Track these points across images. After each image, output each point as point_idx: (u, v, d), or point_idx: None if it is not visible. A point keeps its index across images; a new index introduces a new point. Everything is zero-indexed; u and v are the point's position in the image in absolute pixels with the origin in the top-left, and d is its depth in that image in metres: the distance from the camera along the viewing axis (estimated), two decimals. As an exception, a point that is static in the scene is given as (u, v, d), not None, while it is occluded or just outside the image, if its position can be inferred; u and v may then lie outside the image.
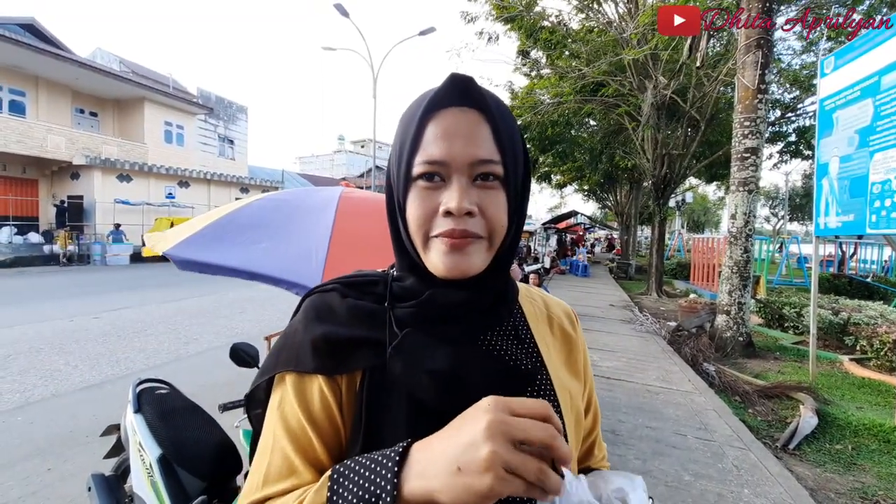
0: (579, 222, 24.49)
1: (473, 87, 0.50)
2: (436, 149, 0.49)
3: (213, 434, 1.71)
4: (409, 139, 0.50)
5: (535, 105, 10.92)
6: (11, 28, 15.62)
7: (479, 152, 0.49)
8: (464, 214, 0.48)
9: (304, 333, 0.54)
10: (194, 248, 1.78)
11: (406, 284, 0.56)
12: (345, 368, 0.52)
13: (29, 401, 3.67)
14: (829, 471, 2.95)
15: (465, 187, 0.49)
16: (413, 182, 0.50)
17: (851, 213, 4.00)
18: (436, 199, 0.49)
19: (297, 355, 0.53)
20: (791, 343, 6.09)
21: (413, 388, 0.50)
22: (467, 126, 0.49)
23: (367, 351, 0.52)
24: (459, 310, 0.54)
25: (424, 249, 0.52)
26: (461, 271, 0.50)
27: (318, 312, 0.56)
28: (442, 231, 0.49)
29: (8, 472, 2.66)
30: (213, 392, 3.83)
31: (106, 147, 17.84)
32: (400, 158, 0.52)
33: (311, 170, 46.72)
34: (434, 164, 0.49)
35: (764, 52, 5.32)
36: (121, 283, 11.00)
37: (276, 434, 0.50)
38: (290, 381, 0.52)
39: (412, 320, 0.53)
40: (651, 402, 3.96)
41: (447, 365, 0.50)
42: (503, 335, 0.58)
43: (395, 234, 0.57)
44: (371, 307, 0.56)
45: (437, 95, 0.50)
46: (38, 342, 5.27)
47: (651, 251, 12.14)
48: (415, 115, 0.51)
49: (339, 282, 0.60)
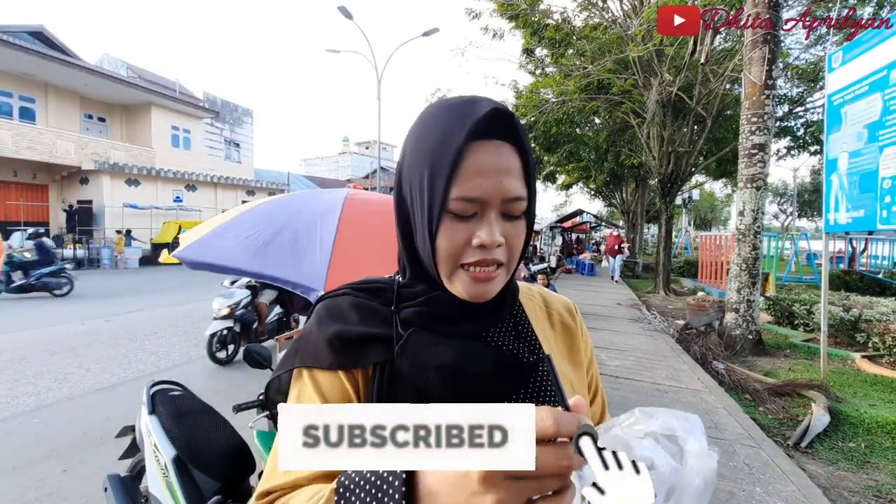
0: (585, 221, 24.40)
1: (515, 122, 0.52)
2: (474, 185, 0.50)
3: (226, 435, 1.74)
4: (445, 168, 0.50)
5: (540, 104, 10.90)
6: (21, 36, 15.83)
7: (512, 189, 0.51)
8: (495, 247, 0.51)
9: (319, 333, 0.57)
10: (203, 251, 1.83)
11: (414, 290, 0.59)
12: (359, 363, 0.55)
13: (43, 403, 3.73)
14: (843, 469, 2.93)
15: (495, 221, 0.51)
16: (446, 213, 0.51)
17: (861, 208, 3.95)
18: (468, 232, 0.51)
19: (314, 353, 0.56)
20: (801, 340, 6.03)
21: (421, 384, 0.53)
22: (504, 161, 0.51)
23: (378, 347, 0.55)
24: (463, 309, 0.56)
25: (450, 277, 0.54)
26: (484, 298, 0.54)
27: (330, 313, 0.59)
28: (473, 261, 0.51)
29: (24, 473, 2.70)
30: (225, 394, 3.87)
31: (114, 152, 18.05)
32: (431, 186, 0.51)
33: (316, 172, 46.88)
34: (472, 203, 0.50)
35: (771, 47, 5.28)
36: (131, 286, 11.12)
37: None
38: (307, 376, 0.55)
39: (418, 319, 0.56)
40: (660, 400, 3.94)
41: (452, 359, 0.53)
42: (505, 331, 0.60)
43: (409, 247, 0.58)
44: (379, 309, 0.59)
45: (478, 126, 0.49)
46: (51, 345, 5.34)
47: (658, 249, 12.08)
48: (449, 142, 0.50)
49: (349, 286, 0.63)
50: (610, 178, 18.40)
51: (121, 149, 18.54)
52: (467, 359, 0.54)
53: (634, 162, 12.99)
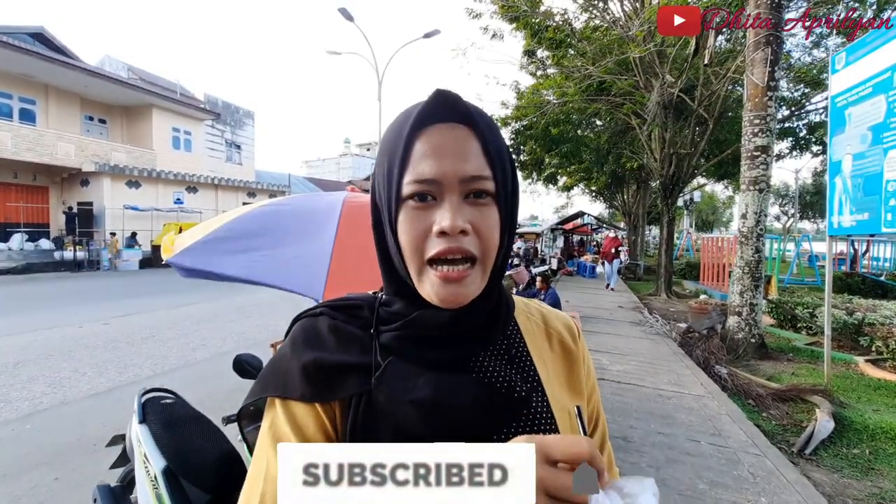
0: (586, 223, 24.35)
1: (460, 102, 0.49)
2: (426, 167, 0.47)
3: (218, 445, 1.69)
4: (398, 158, 0.48)
5: (541, 105, 10.87)
6: (21, 37, 15.85)
7: (469, 168, 0.48)
8: (458, 233, 0.46)
9: (292, 359, 0.52)
10: (195, 257, 1.78)
11: (393, 309, 0.55)
12: (332, 396, 0.50)
13: (37, 409, 3.69)
14: (847, 476, 2.88)
15: (457, 205, 0.47)
16: (403, 203, 0.49)
17: (866, 211, 3.91)
18: (428, 220, 0.48)
19: (285, 382, 0.51)
20: (804, 344, 5.98)
21: (399, 419, 0.48)
22: (456, 142, 0.48)
23: (355, 377, 0.51)
24: (446, 331, 0.51)
25: (419, 278, 0.50)
26: (456, 302, 0.49)
27: (306, 337, 0.54)
28: (437, 252, 0.47)
29: (16, 481, 2.66)
30: (221, 398, 3.83)
31: (115, 154, 18.04)
32: (388, 178, 0.50)
33: (317, 173, 46.90)
34: (424, 184, 0.47)
35: (773, 48, 5.24)
36: (130, 288, 11.09)
37: (269, 461, 0.47)
38: (280, 406, 0.50)
39: (398, 344, 0.52)
40: (663, 406, 3.89)
41: (431, 393, 0.49)
42: (496, 356, 0.55)
43: (384, 255, 0.55)
44: (357, 333, 0.54)
45: (423, 112, 0.48)
46: (47, 349, 5.30)
47: (660, 251, 12.01)
48: (401, 133, 0.49)
49: (328, 305, 0.58)
50: (611, 179, 18.37)
51: (121, 150, 18.54)
52: (448, 392, 0.49)
53: (635, 165, 12.93)
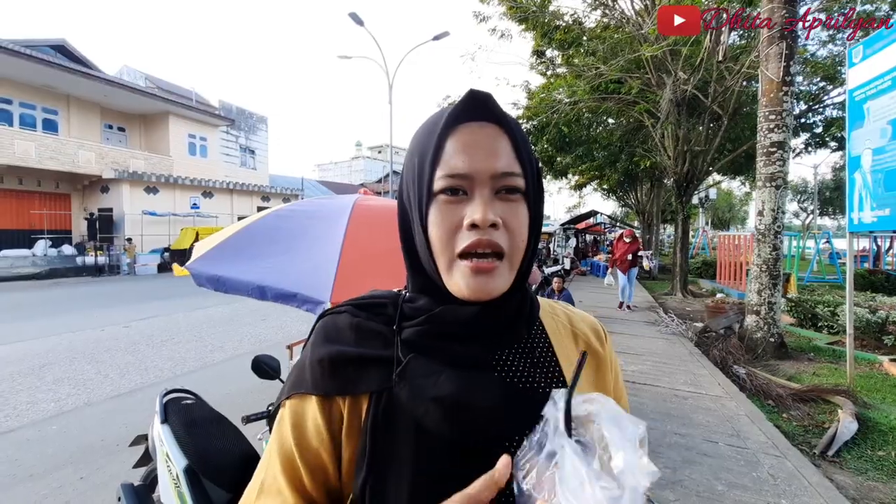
0: (599, 222, 24.12)
1: (492, 102, 0.50)
2: (458, 161, 0.49)
3: (238, 445, 1.73)
4: (430, 155, 0.50)
5: (552, 104, 10.81)
6: (44, 50, 16.34)
7: (501, 165, 0.49)
8: (488, 226, 0.48)
9: (311, 356, 0.54)
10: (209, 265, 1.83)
11: (417, 305, 0.55)
12: (351, 390, 0.51)
13: (63, 410, 3.79)
14: (872, 479, 2.81)
15: (488, 199, 0.49)
16: (435, 197, 0.50)
17: (887, 207, 3.82)
18: (459, 214, 0.49)
19: (300, 379, 0.53)
20: (826, 343, 5.85)
21: (419, 416, 0.49)
22: (488, 139, 0.50)
23: (375, 373, 0.52)
24: (470, 328, 0.52)
25: (448, 270, 0.50)
26: (486, 293, 0.49)
27: (326, 333, 0.56)
28: (468, 245, 0.48)
29: (42, 481, 2.74)
30: (239, 399, 3.89)
31: (133, 161, 18.46)
32: (420, 174, 0.51)
33: (330, 177, 47.34)
34: (456, 178, 0.49)
35: (788, 42, 5.14)
36: (149, 292, 11.32)
37: (271, 452, 0.52)
38: (289, 405, 0.53)
39: (420, 340, 0.53)
40: (680, 407, 3.84)
41: (453, 391, 0.49)
42: (520, 355, 0.55)
43: (410, 252, 0.55)
44: (380, 329, 0.55)
45: (456, 110, 0.50)
46: (71, 352, 5.45)
47: (675, 250, 11.86)
48: (433, 131, 0.51)
49: (351, 303, 0.59)
50: (624, 177, 18.16)
51: (140, 157, 18.96)
52: (470, 391, 0.49)
53: (648, 164, 12.77)
